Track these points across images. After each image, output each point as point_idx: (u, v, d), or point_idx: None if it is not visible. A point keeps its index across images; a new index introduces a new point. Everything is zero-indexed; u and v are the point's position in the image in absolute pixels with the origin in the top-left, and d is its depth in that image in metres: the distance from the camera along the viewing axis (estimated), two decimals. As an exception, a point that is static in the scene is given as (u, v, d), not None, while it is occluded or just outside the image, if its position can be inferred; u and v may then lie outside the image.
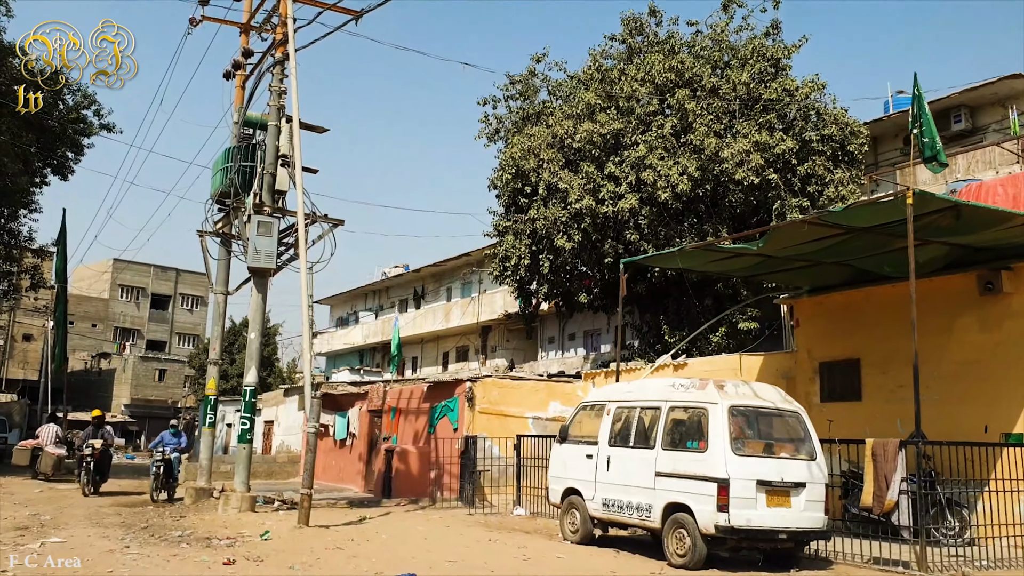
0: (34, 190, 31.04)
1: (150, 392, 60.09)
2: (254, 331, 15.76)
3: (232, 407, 37.85)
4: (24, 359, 55.56)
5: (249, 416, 15.94)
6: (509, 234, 23.57)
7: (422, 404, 21.79)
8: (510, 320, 36.94)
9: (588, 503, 11.95)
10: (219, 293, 17.94)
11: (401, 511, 17.18)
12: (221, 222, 17.65)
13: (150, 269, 69.24)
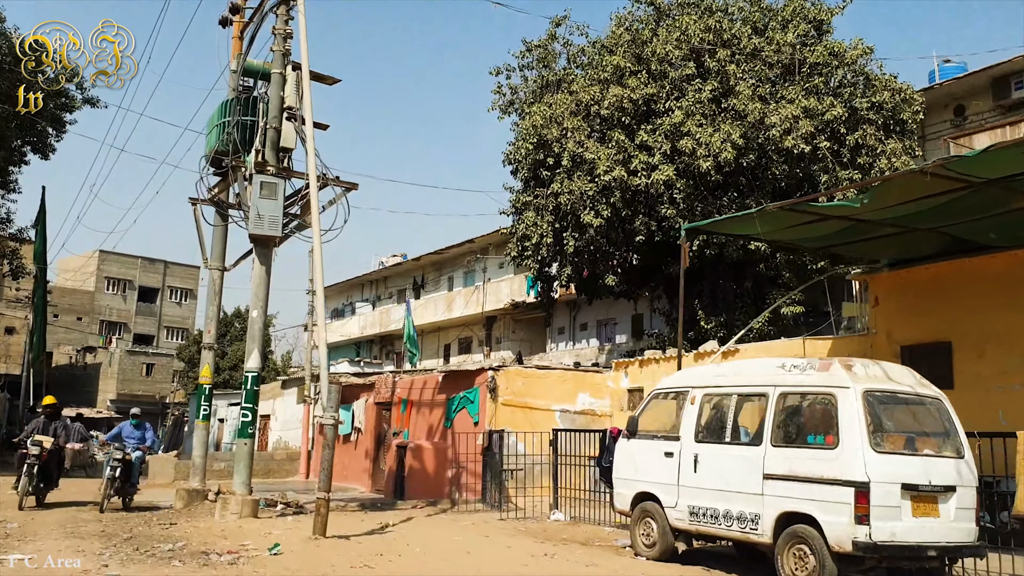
0: (12, 169, 28.56)
1: (137, 387, 57.46)
2: (256, 309, 13.44)
3: (224, 401, 35.43)
4: (6, 353, 52.89)
5: (251, 407, 13.63)
6: (529, 210, 21.29)
7: (437, 396, 19.52)
8: (517, 310, 34.70)
9: (668, 511, 9.70)
10: (214, 269, 15.60)
11: (422, 516, 14.89)
12: (217, 187, 15.30)
13: (137, 261, 66.58)
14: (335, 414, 11.47)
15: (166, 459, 24.16)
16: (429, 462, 18.53)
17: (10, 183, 28.58)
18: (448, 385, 19.20)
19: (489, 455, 17.24)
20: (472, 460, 17.60)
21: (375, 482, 21.22)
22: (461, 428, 18.35)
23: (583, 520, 14.00)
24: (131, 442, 15.18)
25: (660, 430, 10.18)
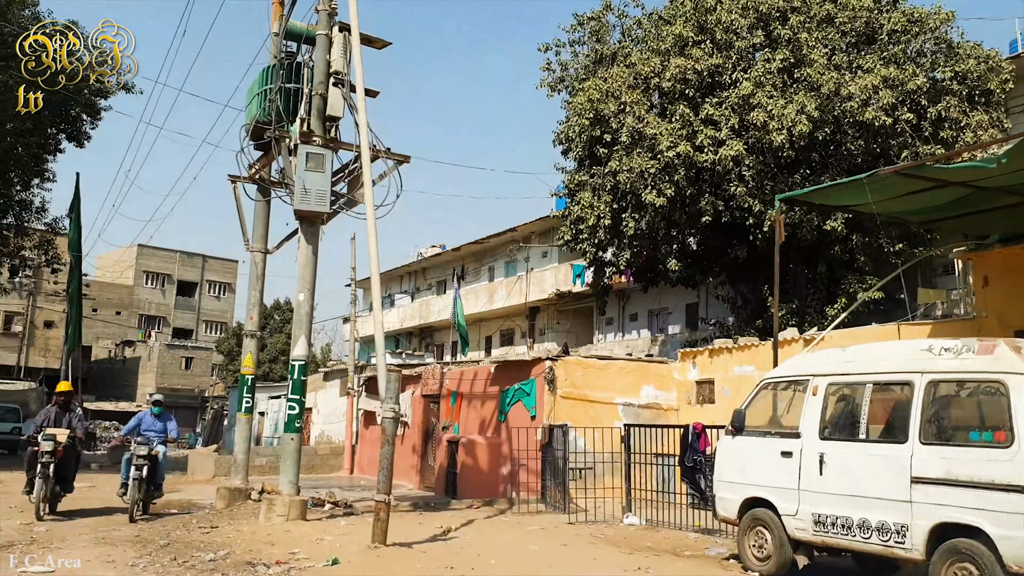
0: (47, 157, 27.58)
1: (177, 380, 56.79)
2: (303, 292, 12.13)
3: (264, 394, 34.37)
4: (45, 347, 52.37)
5: (298, 399, 12.34)
6: (585, 191, 19.83)
7: (489, 388, 18.17)
8: (562, 300, 33.26)
9: (787, 519, 8.24)
10: (256, 251, 14.34)
11: (481, 518, 13.53)
12: (259, 163, 14.03)
13: (176, 255, 65.96)
14: (395, 406, 10.11)
15: (206, 454, 23.06)
16: (483, 458, 17.18)
17: (45, 172, 27.61)
18: (501, 376, 17.85)
19: (549, 452, 15.86)
20: (529, 457, 16.26)
21: (423, 479, 19.94)
22: (516, 422, 16.99)
23: (660, 524, 12.57)
24: (152, 435, 12.96)
25: (774, 426, 8.72)
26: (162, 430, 13.28)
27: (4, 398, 32.74)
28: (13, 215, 26.52)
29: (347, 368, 24.59)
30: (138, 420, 13.38)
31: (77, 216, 25.46)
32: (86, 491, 16.90)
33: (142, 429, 13.04)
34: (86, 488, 17.83)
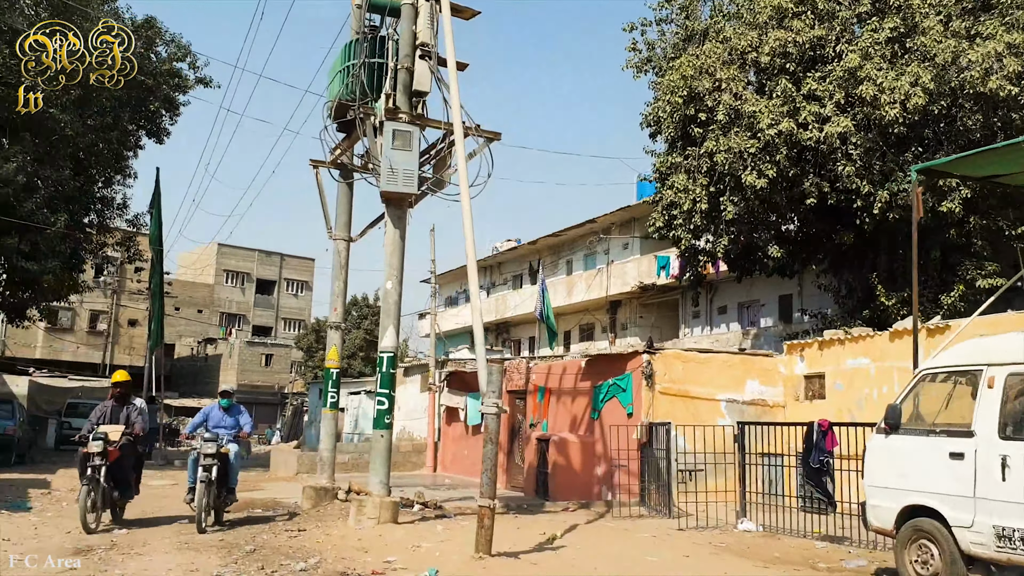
0: (127, 154, 27.49)
1: (257, 377, 57.13)
2: (391, 279, 11.30)
3: (344, 390, 33.90)
4: (130, 345, 53.13)
5: (387, 393, 11.50)
6: (679, 173, 18.63)
7: (580, 383, 17.15)
8: (645, 293, 32.03)
9: (960, 532, 7.04)
10: (339, 239, 13.59)
11: (582, 522, 12.54)
12: (341, 147, 13.27)
13: (254, 254, 66.51)
14: (498, 400, 9.19)
15: (288, 450, 22.59)
16: (575, 458, 16.17)
17: (126, 168, 27.52)
18: (593, 371, 16.81)
19: (648, 452, 14.79)
20: (626, 456, 15.21)
21: (510, 478, 19.01)
22: (611, 419, 15.95)
23: (781, 531, 11.41)
24: (223, 431, 11.38)
25: (940, 423, 7.51)
26: (233, 425, 11.60)
27: (90, 395, 32.94)
28: (95, 212, 26.46)
29: (427, 363, 23.83)
30: (204, 415, 11.78)
31: (158, 211, 25.26)
32: (169, 489, 16.43)
33: (210, 426, 11.52)
34: (169, 486, 17.39)
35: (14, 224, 21.34)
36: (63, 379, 35.51)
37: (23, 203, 21.18)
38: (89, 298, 51.17)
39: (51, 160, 22.62)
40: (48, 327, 49.71)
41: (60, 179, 22.37)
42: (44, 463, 23.37)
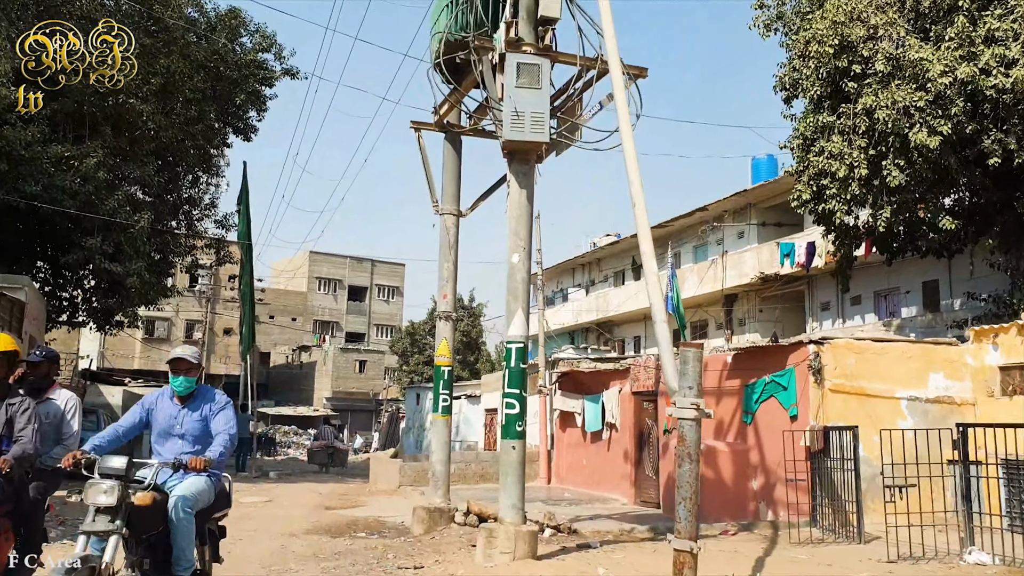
0: (214, 152, 26.02)
1: (351, 384, 55.89)
2: (517, 252, 8.99)
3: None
4: (226, 353, 52.44)
5: (517, 393, 9.17)
6: (832, 135, 15.84)
7: (725, 381, 14.53)
8: (766, 284, 29.06)
9: None
10: (447, 214, 11.36)
11: (760, 552, 9.98)
12: (447, 104, 11.05)
13: (346, 261, 65.56)
14: (697, 400, 6.78)
15: (386, 460, 20.55)
16: (726, 470, 13.56)
17: (213, 167, 26.05)
18: (743, 367, 14.18)
19: (821, 461, 12.13)
20: (789, 467, 12.58)
21: (640, 491, 16.51)
22: (768, 423, 13.35)
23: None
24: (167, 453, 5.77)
25: None
26: (197, 433, 5.92)
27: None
28: (183, 213, 25.00)
29: (536, 363, 21.51)
30: (143, 409, 5.92)
31: (246, 208, 23.66)
32: (261, 509, 14.49)
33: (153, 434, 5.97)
34: (262, 503, 15.48)
35: (96, 223, 19.90)
36: (157, 388, 34.40)
37: (104, 201, 19.70)
38: (184, 307, 50.72)
39: (133, 156, 21.14)
40: (145, 337, 49.35)
41: (143, 176, 20.84)
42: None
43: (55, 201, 18.96)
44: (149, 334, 49.78)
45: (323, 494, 17.88)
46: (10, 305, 16.81)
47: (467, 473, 19.27)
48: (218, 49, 23.31)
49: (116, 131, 20.37)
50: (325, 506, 15.58)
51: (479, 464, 19.65)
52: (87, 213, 19.10)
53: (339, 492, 18.57)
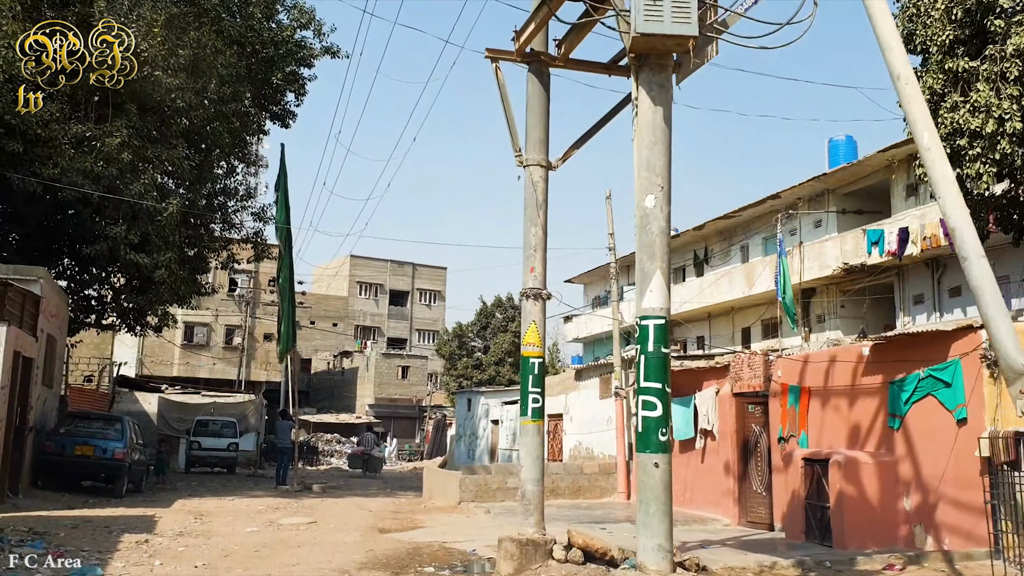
0: (249, 139, 23.88)
1: (394, 390, 53.64)
2: (653, 193, 6.51)
3: (496, 399, 29.48)
4: (266, 359, 50.46)
5: (658, 388, 6.72)
6: (978, 81, 13.16)
7: (861, 379, 11.89)
8: (849, 276, 26.23)
9: None
10: (533, 165, 8.92)
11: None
12: (534, 22, 8.58)
13: (387, 264, 63.45)
14: None
15: (444, 473, 18.10)
16: (870, 486, 10.91)
17: (249, 155, 23.90)
18: (885, 360, 11.53)
19: (1001, 476, 9.46)
20: (958, 484, 9.95)
21: (745, 510, 13.90)
22: (923, 429, 10.73)
23: None
24: None
25: None
26: None
27: (222, 411, 29.60)
28: (217, 205, 22.82)
29: (609, 362, 18.99)
30: None
31: (284, 194, 21.44)
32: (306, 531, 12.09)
33: None
34: (305, 525, 13.10)
35: (121, 211, 17.78)
36: (195, 395, 32.39)
37: (130, 185, 17.57)
38: (224, 311, 48.90)
39: (162, 138, 19.00)
40: (184, 343, 47.58)
41: (172, 159, 18.67)
42: (167, 491, 19.70)
43: (75, 185, 16.87)
44: (188, 340, 48.01)
45: (374, 512, 15.50)
46: (21, 299, 14.65)
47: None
48: (253, 24, 21.15)
49: (142, 110, 18.21)
50: (379, 528, 13.19)
51: (549, 478, 17.13)
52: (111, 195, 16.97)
53: (391, 509, 16.17)
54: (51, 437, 16.24)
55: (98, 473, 16.65)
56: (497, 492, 16.43)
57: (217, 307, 48.73)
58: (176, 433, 28.46)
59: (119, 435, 16.73)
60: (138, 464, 17.70)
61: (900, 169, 25.16)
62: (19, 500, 14.29)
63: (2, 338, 13.25)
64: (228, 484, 22.71)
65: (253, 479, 25.66)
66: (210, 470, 27.45)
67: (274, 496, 18.66)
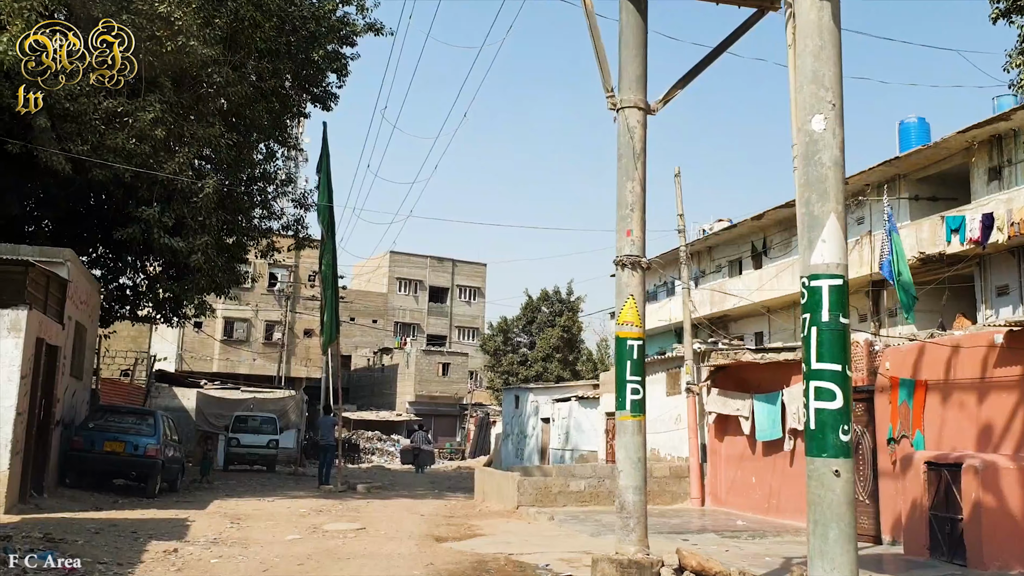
0: (289, 123, 22.57)
1: (435, 387, 52.31)
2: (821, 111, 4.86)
3: (545, 396, 27.93)
4: (306, 356, 49.39)
5: (837, 372, 5.01)
6: None
7: (994, 369, 10.17)
8: (926, 266, 24.28)
9: None
10: (628, 106, 7.37)
11: None
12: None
13: (426, 260, 62.26)
14: None
15: (500, 474, 16.58)
16: (1011, 495, 9.19)
17: (289, 139, 22.55)
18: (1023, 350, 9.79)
19: None
20: None
21: (844, 520, 12.15)
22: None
23: None
24: None
25: None
26: None
27: (261, 407, 28.38)
28: (256, 190, 21.53)
29: (680, 354, 17.36)
30: None
31: (327, 174, 20.09)
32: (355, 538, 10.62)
33: None
34: (353, 533, 11.64)
35: (155, 191, 16.54)
36: (234, 390, 31.23)
37: (164, 164, 16.31)
38: (264, 306, 47.98)
39: (198, 115, 17.73)
40: (224, 339, 46.69)
41: (209, 137, 17.38)
42: (203, 490, 18.43)
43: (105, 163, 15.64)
44: (228, 335, 47.11)
45: (426, 516, 14.04)
46: (45, 281, 13.41)
47: (602, 492, 15.20)
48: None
49: (177, 85, 16.94)
50: (434, 535, 11.72)
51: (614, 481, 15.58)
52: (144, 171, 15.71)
53: (443, 513, 14.72)
54: (79, 432, 14.98)
55: (129, 471, 15.39)
56: (559, 496, 14.89)
57: (257, 302, 47.81)
58: (214, 429, 27.27)
59: (152, 430, 15.46)
60: (172, 461, 16.42)
61: (981, 151, 23.26)
62: (43, 500, 13.05)
63: (22, 322, 11.99)
64: (268, 483, 21.42)
65: (294, 478, 24.39)
66: (249, 468, 26.24)
67: (317, 497, 17.29)
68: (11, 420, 11.80)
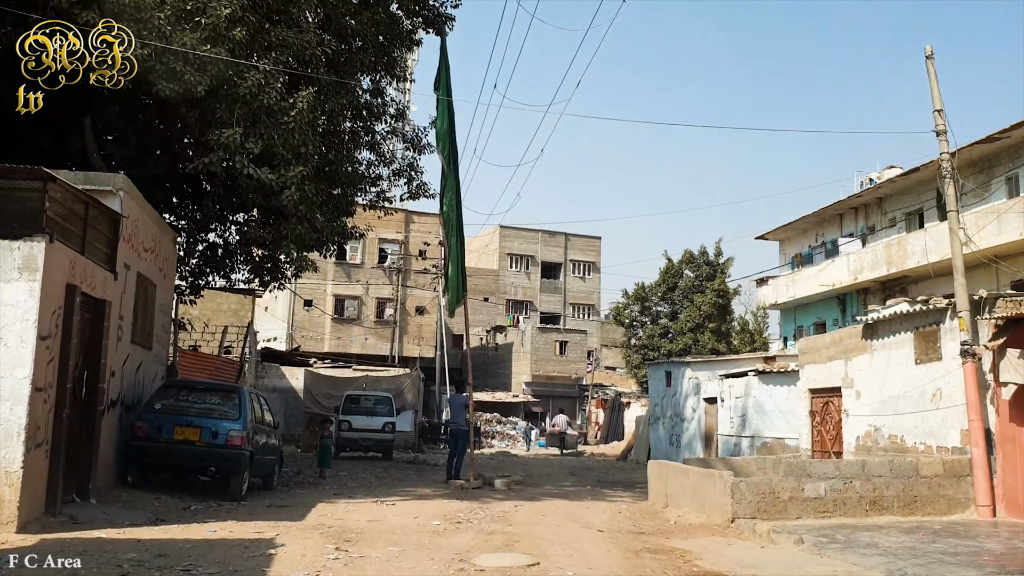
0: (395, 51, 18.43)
1: (551, 367, 48.02)
2: None
3: (706, 372, 23.18)
4: (418, 334, 45.88)
5: None
6: None
7: None
8: None
9: None
10: None
11: None
12: None
13: (537, 235, 57.94)
14: None
15: (691, 470, 11.99)
16: None
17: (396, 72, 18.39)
18: None
19: None
20: None
21: None
22: None
23: None
24: None
25: None
26: None
27: (374, 386, 24.65)
28: (361, 128, 17.54)
29: (941, 306, 12.42)
30: None
31: (447, 92, 15.89)
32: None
33: None
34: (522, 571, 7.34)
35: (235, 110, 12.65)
36: (346, 368, 27.67)
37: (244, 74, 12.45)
38: (375, 283, 44.77)
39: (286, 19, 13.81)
40: (334, 317, 43.68)
41: (301, 44, 13.41)
42: (306, 486, 14.62)
43: (172, 74, 11.82)
44: (339, 313, 44.08)
45: (606, 534, 9.71)
46: (83, 210, 9.61)
47: (848, 498, 10.50)
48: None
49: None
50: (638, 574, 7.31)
51: (868, 482, 10.78)
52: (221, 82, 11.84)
53: (626, 528, 10.33)
54: (142, 416, 11.20)
55: (206, 465, 11.57)
56: (790, 504, 10.28)
57: (368, 279, 44.66)
58: (323, 411, 23.73)
59: (236, 412, 11.55)
60: (266, 451, 12.52)
61: None
62: (85, 508, 9.28)
63: (38, 259, 8.17)
64: (385, 476, 17.57)
65: (414, 467, 20.50)
66: (363, 454, 22.52)
67: (448, 497, 13.19)
68: (25, 398, 8.00)
